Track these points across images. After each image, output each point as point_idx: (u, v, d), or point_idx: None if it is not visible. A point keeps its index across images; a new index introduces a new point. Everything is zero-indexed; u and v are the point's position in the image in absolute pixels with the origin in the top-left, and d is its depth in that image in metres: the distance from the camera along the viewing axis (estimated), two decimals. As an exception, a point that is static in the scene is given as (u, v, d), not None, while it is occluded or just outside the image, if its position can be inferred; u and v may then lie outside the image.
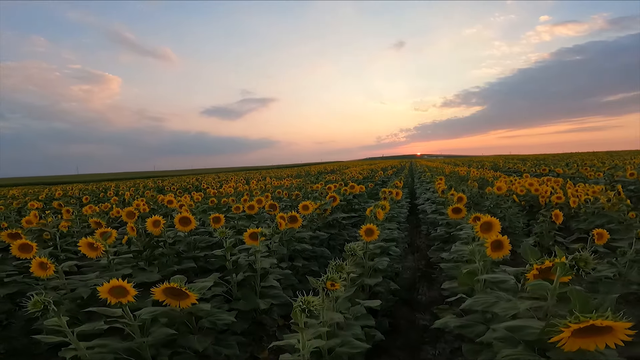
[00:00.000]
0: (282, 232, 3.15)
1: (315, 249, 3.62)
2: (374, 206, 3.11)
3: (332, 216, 4.42)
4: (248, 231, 2.34)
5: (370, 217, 2.97)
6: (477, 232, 2.28)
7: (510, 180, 6.59)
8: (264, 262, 2.43)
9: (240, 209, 3.84)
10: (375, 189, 9.42)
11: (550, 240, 3.13)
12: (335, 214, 4.51)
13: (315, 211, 4.25)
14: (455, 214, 3.35)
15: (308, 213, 3.60)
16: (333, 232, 4.33)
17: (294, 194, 5.56)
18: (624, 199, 3.39)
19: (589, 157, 22.43)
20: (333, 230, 4.45)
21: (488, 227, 2.27)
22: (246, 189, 8.99)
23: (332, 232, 4.31)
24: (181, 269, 2.83)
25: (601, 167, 9.39)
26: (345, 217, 4.79)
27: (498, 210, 4.60)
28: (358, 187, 5.89)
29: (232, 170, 54.25)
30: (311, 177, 15.39)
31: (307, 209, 3.56)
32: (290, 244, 3.22)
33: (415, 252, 5.92)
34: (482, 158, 42.13)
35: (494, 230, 2.28)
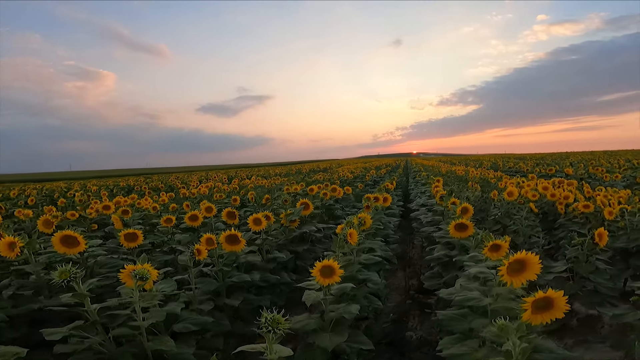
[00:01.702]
0: (215, 257, 2.24)
1: (270, 277, 2.72)
2: (346, 223, 2.20)
3: (302, 228, 3.51)
4: (125, 269, 1.42)
5: (340, 239, 2.06)
6: (502, 274, 1.38)
7: (517, 182, 5.71)
8: (154, 314, 1.52)
9: (171, 221, 2.91)
10: (366, 190, 8.51)
11: (591, 269, 2.24)
12: (306, 225, 3.60)
13: (278, 224, 3.34)
14: (459, 231, 2.45)
15: (262, 228, 2.69)
16: (302, 248, 3.42)
17: (264, 197, 4.66)
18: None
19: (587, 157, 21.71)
20: (303, 245, 3.55)
21: (520, 267, 1.39)
22: (224, 188, 8.06)
23: (301, 248, 3.41)
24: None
25: (613, 168, 8.56)
26: (320, 228, 3.88)
27: (509, 220, 3.72)
28: (340, 190, 4.98)
29: (224, 168, 53.15)
30: (301, 175, 14.48)
31: (259, 223, 2.64)
32: (227, 275, 2.31)
33: (407, 266, 5.02)
34: (479, 157, 41.41)
35: (530, 272, 1.39)
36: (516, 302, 1.41)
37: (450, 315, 1.73)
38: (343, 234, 2.04)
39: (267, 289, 2.87)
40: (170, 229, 2.93)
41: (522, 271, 1.40)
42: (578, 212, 3.58)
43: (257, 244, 2.87)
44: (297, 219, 3.39)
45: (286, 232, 3.37)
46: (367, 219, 2.66)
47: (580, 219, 3.58)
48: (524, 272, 1.40)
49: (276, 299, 3.00)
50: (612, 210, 2.91)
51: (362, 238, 3.12)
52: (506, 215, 3.84)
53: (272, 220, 2.92)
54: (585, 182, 6.23)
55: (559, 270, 2.36)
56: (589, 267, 2.26)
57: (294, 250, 3.36)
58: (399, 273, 4.83)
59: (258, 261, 2.56)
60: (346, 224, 2.18)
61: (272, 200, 4.50)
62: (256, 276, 2.50)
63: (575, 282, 2.35)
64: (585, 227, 3.50)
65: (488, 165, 15.49)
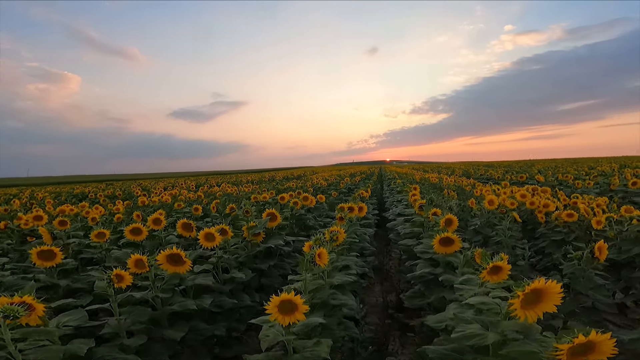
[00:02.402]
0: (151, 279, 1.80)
1: (225, 301, 2.30)
2: (314, 241, 1.84)
3: (268, 242, 3.10)
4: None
5: (307, 260, 1.69)
6: (515, 307, 1.07)
7: (494, 190, 5.59)
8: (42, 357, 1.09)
9: (104, 235, 2.42)
10: (339, 198, 8.20)
11: (590, 285, 2.00)
12: (273, 238, 3.20)
13: (240, 237, 2.92)
14: (445, 246, 2.15)
15: (215, 244, 2.27)
16: (268, 265, 3.01)
17: (229, 207, 4.21)
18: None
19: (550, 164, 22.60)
20: (270, 261, 3.14)
21: (537, 297, 1.08)
22: (189, 197, 7.49)
23: (266, 265, 3.00)
24: None
25: (580, 175, 8.75)
26: (290, 241, 3.49)
27: (490, 230, 3.50)
28: (312, 198, 4.62)
29: (195, 175, 51.47)
30: (274, 183, 14.01)
31: (212, 239, 2.22)
32: (168, 301, 1.87)
33: (384, 280, 4.70)
34: (450, 164, 42.42)
35: (549, 303, 1.08)
36: (534, 342, 1.09)
37: (443, 353, 1.40)
38: (311, 254, 1.67)
39: (222, 315, 2.44)
40: (105, 244, 2.44)
41: (539, 302, 1.09)
42: (561, 222, 3.40)
43: (211, 262, 2.44)
44: (261, 232, 2.99)
45: (249, 247, 2.96)
46: (340, 233, 2.31)
47: (563, 228, 3.40)
48: (540, 303, 1.09)
49: (235, 324, 2.57)
50: (600, 219, 2.72)
51: (335, 254, 2.76)
52: (487, 225, 3.61)
53: (230, 235, 2.50)
54: (558, 189, 6.23)
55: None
56: (588, 283, 2.02)
57: (257, 268, 2.95)
58: (376, 287, 4.50)
59: (211, 282, 2.14)
60: (314, 241, 1.82)
61: (237, 210, 4.07)
62: (206, 301, 2.08)
63: (571, 298, 2.11)
64: (569, 236, 3.33)
65: (460, 172, 15.67)
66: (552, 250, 3.37)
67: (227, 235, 2.48)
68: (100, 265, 2.81)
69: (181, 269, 1.86)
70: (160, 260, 1.81)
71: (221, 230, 2.42)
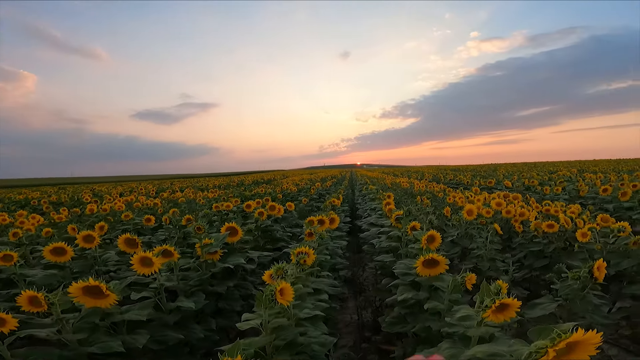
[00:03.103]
0: (56, 316, 1.37)
1: (169, 336, 1.89)
2: (275, 270, 1.49)
3: (227, 261, 2.70)
4: None
5: (266, 297, 1.34)
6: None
7: (467, 197, 5.48)
8: None
9: (11, 257, 1.92)
10: (310, 205, 7.87)
11: (588, 307, 1.79)
12: (233, 256, 2.80)
13: (191, 257, 2.51)
14: (429, 268, 1.87)
15: (154, 270, 1.85)
16: (227, 286, 2.61)
17: (185, 217, 3.75)
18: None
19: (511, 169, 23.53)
20: (230, 281, 2.74)
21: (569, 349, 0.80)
22: (147, 203, 6.86)
23: (224, 287, 2.60)
24: None
25: (544, 180, 8.96)
26: (253, 257, 3.11)
27: (469, 242, 3.29)
28: (279, 208, 4.25)
29: (160, 178, 49.25)
30: (242, 187, 13.45)
31: (150, 264, 1.81)
32: (86, 341, 1.45)
33: (359, 294, 4.40)
34: (419, 168, 43.32)
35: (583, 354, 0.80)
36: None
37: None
38: (270, 290, 1.32)
39: (168, 352, 2.03)
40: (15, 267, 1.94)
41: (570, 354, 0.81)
42: (540, 232, 3.26)
43: (152, 288, 2.02)
44: (218, 250, 2.59)
45: (203, 268, 2.54)
46: (309, 254, 1.97)
47: (542, 238, 3.26)
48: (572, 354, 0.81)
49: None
50: (586, 232, 2.57)
51: (305, 277, 2.42)
52: (465, 236, 3.41)
53: (176, 257, 2.09)
54: (528, 195, 6.26)
55: (549, 309, 1.89)
56: (586, 305, 1.80)
57: (213, 292, 2.55)
58: (350, 303, 4.19)
59: (144, 318, 1.72)
60: (276, 270, 1.46)
61: (194, 222, 3.63)
62: (141, 339, 1.67)
63: (567, 321, 1.89)
64: (548, 247, 3.19)
65: (429, 177, 15.85)
66: (532, 262, 3.22)
67: (171, 257, 2.07)
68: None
69: (102, 303, 1.45)
70: (74, 293, 1.39)
71: (164, 252, 2.01)
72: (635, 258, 2.25)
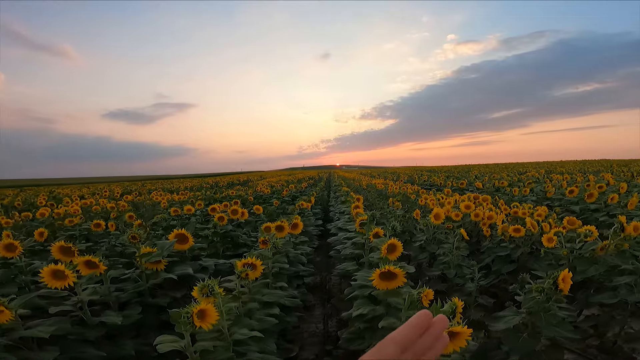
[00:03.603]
0: None
1: (86, 353, 1.64)
2: (199, 289, 1.27)
3: (173, 271, 2.44)
4: None
5: (182, 319, 1.11)
6: None
7: (438, 199, 5.41)
8: None
9: None
10: (282, 207, 7.62)
11: (553, 321, 1.66)
12: (180, 265, 2.54)
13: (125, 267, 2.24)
14: (386, 281, 1.70)
15: (67, 284, 1.58)
16: (168, 300, 2.35)
17: (136, 223, 3.44)
18: (630, 236, 2.16)
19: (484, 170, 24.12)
20: (176, 293, 2.47)
21: None
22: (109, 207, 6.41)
23: (167, 300, 2.33)
24: None
25: (514, 182, 9.10)
26: (208, 265, 2.85)
27: (436, 247, 3.17)
28: (243, 212, 4.00)
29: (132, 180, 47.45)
30: (215, 189, 13.01)
31: (63, 277, 1.53)
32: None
33: (327, 301, 4.20)
34: (396, 169, 43.79)
35: None
36: None
37: None
38: (186, 313, 1.10)
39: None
40: None
41: None
42: (507, 236, 3.18)
43: (69, 303, 1.75)
44: (162, 260, 2.33)
45: (143, 278, 2.28)
46: (256, 266, 1.75)
47: (509, 243, 3.18)
48: None
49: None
50: (552, 237, 2.48)
51: (258, 287, 2.20)
52: (433, 241, 3.28)
53: (102, 268, 1.83)
54: (497, 196, 6.28)
55: (513, 322, 1.76)
56: (551, 319, 1.68)
57: (154, 304, 2.29)
58: (317, 310, 3.99)
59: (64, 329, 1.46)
60: (200, 289, 1.24)
61: (147, 227, 3.33)
62: (48, 355, 1.42)
63: (531, 334, 1.76)
64: (515, 252, 3.11)
65: (405, 178, 15.92)
66: (499, 267, 3.13)
67: (96, 268, 1.81)
68: None
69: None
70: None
71: (87, 262, 1.75)
72: (602, 265, 2.16)
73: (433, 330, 0.42)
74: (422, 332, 0.41)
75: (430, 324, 0.42)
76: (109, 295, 2.08)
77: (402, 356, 0.39)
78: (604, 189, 4.97)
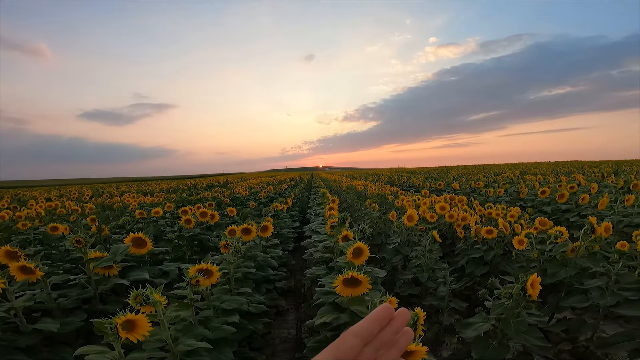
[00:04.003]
0: None
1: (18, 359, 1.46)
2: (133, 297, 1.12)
3: (128, 276, 2.25)
4: None
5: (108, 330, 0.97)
6: None
7: (414, 200, 5.38)
8: None
9: None
10: (259, 209, 7.45)
11: (522, 328, 1.60)
12: (135, 270, 2.36)
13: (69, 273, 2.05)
14: (350, 287, 1.59)
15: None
16: (120, 306, 2.17)
17: (94, 226, 3.21)
18: (601, 237, 2.13)
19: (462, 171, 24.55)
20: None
21: None
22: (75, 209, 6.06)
23: (117, 307, 2.16)
24: None
25: (489, 182, 9.24)
26: (168, 271, 2.67)
27: (410, 250, 3.10)
28: (213, 214, 3.83)
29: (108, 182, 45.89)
30: (188, 193, 12.65)
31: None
32: None
33: (300, 304, 4.07)
34: (377, 171, 44.10)
35: None
36: None
37: None
38: (110, 324, 0.96)
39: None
40: None
41: None
42: (480, 238, 3.14)
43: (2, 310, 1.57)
44: (114, 265, 2.15)
45: (92, 284, 2.10)
46: (212, 272, 1.61)
47: (482, 244, 3.14)
48: None
49: None
50: (522, 239, 2.44)
51: (217, 293, 2.06)
52: (407, 243, 3.21)
53: (38, 274, 1.66)
54: (473, 197, 6.32)
55: (482, 329, 1.68)
56: (520, 326, 1.61)
57: (103, 311, 2.12)
58: (290, 315, 3.85)
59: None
60: (134, 298, 1.10)
61: (107, 231, 3.12)
62: None
63: (501, 342, 1.69)
64: (488, 254, 3.07)
65: (385, 179, 15.97)
66: (473, 270, 3.09)
67: (32, 274, 1.64)
68: None
69: None
70: None
71: (22, 268, 1.58)
72: (572, 267, 2.13)
73: (394, 323, 0.42)
74: (384, 325, 0.41)
75: (392, 317, 0.42)
76: (50, 301, 1.91)
77: (363, 350, 0.39)
78: (575, 189, 5.06)
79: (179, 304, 1.65)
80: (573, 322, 1.98)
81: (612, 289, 1.82)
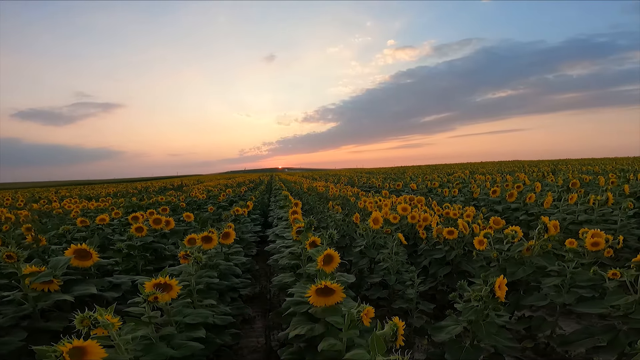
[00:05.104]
0: None
1: None
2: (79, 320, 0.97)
3: (69, 291, 2.01)
4: None
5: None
6: None
7: (376, 201, 5.45)
8: None
9: None
10: (218, 213, 7.16)
11: (492, 330, 1.63)
12: (80, 284, 2.11)
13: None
14: (323, 297, 1.53)
15: None
16: (65, 323, 1.92)
17: (29, 237, 2.85)
18: (554, 236, 2.26)
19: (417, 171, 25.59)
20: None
21: None
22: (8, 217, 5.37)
23: (62, 324, 1.91)
24: None
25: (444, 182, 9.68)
26: (119, 283, 2.43)
27: (376, 253, 3.11)
28: (167, 220, 3.58)
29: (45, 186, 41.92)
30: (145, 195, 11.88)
31: None
32: None
33: (268, 312, 3.91)
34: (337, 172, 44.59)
35: None
36: None
37: None
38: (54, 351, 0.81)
39: None
40: None
41: None
42: (441, 238, 3.23)
43: None
44: (54, 280, 1.90)
45: (30, 300, 1.85)
46: (172, 286, 1.46)
47: (444, 245, 3.23)
48: None
49: None
50: (482, 239, 2.54)
51: (178, 308, 1.89)
52: (373, 246, 3.22)
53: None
54: (430, 197, 6.56)
55: (454, 332, 1.70)
56: (490, 328, 1.64)
57: (45, 328, 1.87)
58: (257, 323, 3.70)
59: None
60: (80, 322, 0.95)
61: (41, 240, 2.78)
62: None
63: (473, 344, 1.72)
64: (450, 254, 3.16)
65: (345, 180, 16.16)
66: (436, 270, 3.17)
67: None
68: None
69: None
70: None
71: None
72: (529, 266, 2.23)
73: None
74: None
75: None
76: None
77: None
78: (521, 188, 5.42)
79: (136, 323, 1.49)
80: (534, 320, 2.08)
81: (567, 287, 1.94)
